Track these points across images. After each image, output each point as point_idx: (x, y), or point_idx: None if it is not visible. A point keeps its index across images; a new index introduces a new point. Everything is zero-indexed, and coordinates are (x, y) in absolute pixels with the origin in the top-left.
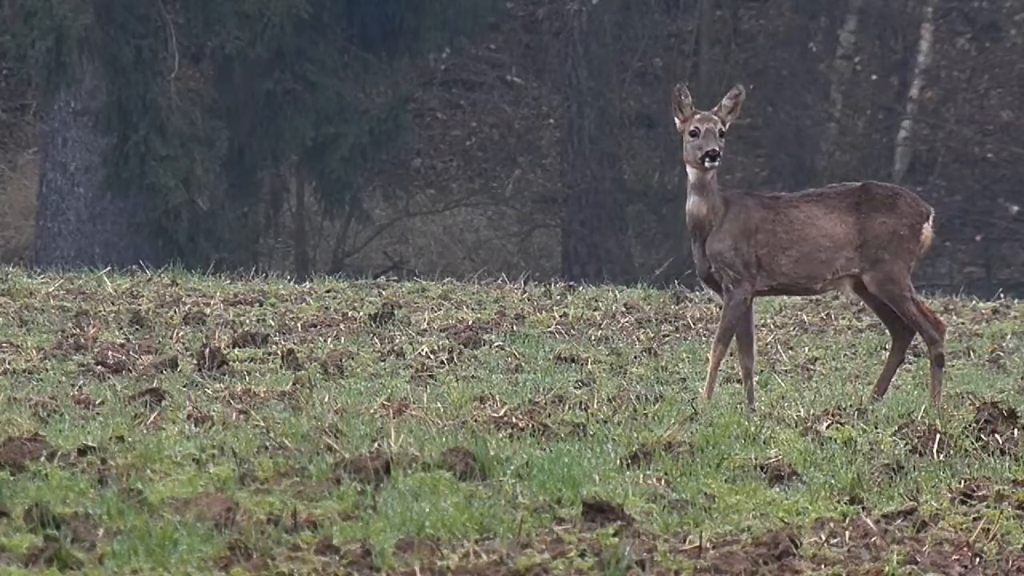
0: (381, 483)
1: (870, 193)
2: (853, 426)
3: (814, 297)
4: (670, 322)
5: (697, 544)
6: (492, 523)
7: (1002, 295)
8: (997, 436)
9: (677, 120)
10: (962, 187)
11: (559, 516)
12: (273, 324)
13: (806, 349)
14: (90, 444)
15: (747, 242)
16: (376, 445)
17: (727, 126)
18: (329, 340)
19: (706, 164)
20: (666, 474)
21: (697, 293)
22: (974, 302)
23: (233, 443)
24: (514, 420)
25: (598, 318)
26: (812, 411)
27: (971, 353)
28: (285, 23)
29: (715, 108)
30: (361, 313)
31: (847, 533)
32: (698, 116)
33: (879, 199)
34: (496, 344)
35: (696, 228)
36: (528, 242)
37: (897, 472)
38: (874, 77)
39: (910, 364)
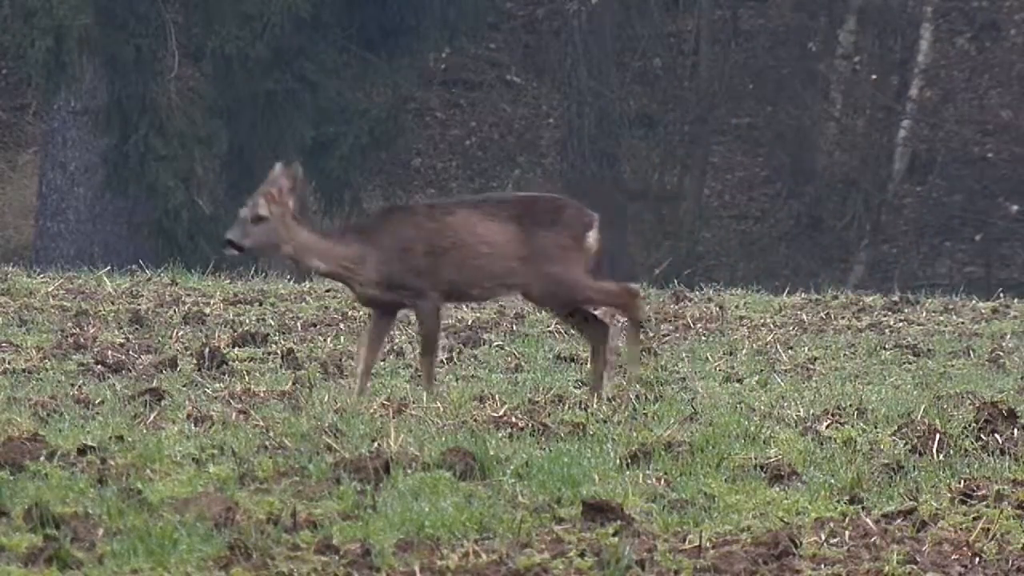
0: (381, 483)
1: (533, 206)
2: (853, 426)
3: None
4: (670, 322)
5: (697, 544)
6: (492, 523)
7: (1002, 295)
8: (997, 436)
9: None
10: (962, 187)
11: (559, 516)
12: (273, 324)
13: (806, 349)
14: (90, 444)
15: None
16: (376, 445)
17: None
18: (329, 340)
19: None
20: (666, 474)
21: (697, 293)
22: (974, 302)
23: (233, 443)
24: (514, 420)
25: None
26: (812, 411)
27: (971, 353)
28: (285, 23)
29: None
30: (361, 313)
31: (847, 533)
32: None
33: (541, 212)
34: (496, 344)
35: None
36: None
37: (897, 472)
38: (874, 77)
39: (910, 363)
